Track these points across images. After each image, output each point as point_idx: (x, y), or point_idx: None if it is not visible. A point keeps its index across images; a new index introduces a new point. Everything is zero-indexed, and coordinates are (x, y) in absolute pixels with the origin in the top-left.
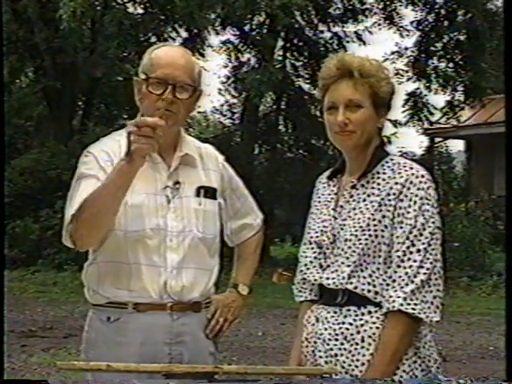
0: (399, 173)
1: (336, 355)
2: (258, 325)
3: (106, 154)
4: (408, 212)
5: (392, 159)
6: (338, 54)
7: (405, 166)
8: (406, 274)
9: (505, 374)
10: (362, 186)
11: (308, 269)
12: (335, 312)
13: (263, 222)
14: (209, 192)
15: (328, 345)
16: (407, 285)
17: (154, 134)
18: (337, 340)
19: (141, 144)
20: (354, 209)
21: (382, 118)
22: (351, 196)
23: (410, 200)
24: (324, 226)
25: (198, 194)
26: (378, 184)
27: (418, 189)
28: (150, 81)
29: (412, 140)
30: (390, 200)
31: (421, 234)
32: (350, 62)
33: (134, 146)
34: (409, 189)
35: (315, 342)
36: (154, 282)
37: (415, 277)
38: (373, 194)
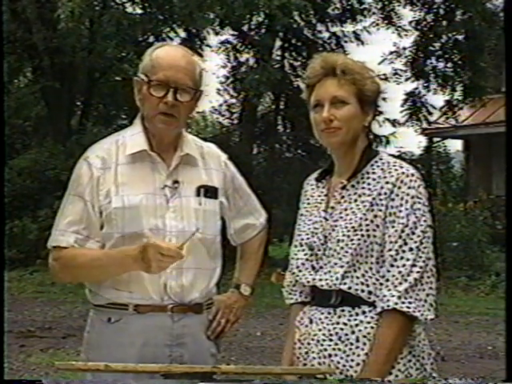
0: (389, 172)
1: (330, 356)
2: (256, 325)
3: (100, 160)
4: (400, 211)
5: (381, 158)
6: (323, 54)
7: (394, 165)
8: (400, 272)
9: (503, 374)
10: (353, 186)
11: (300, 271)
12: (329, 313)
13: (266, 221)
14: (209, 191)
15: (322, 345)
16: (401, 284)
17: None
18: (331, 340)
19: (161, 266)
20: (346, 209)
21: (368, 116)
22: (342, 197)
23: (402, 199)
24: (315, 228)
25: (198, 194)
26: (369, 184)
27: (409, 187)
28: (152, 83)
29: (410, 140)
30: (381, 199)
31: (413, 233)
32: (334, 61)
33: (154, 264)
34: (400, 188)
35: (309, 344)
36: (154, 283)
37: (408, 275)
38: (364, 194)
